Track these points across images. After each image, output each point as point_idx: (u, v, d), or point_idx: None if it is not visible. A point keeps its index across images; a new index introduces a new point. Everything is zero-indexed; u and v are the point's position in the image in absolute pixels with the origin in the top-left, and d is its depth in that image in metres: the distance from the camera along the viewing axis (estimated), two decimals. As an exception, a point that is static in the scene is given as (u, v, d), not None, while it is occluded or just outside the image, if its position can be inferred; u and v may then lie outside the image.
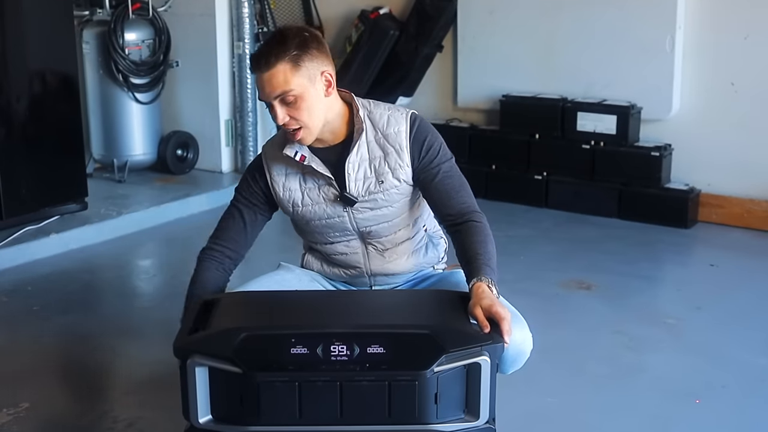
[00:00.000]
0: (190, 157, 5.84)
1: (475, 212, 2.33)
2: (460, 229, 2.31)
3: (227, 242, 2.41)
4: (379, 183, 2.34)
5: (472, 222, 2.31)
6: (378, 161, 2.34)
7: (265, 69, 2.20)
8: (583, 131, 5.12)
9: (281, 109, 2.23)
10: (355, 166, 2.33)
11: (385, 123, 2.35)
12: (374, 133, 2.34)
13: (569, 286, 4.06)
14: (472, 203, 2.36)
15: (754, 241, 4.74)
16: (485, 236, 2.28)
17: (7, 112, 4.49)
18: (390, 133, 2.34)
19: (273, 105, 2.22)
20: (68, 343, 3.55)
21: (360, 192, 2.35)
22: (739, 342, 3.45)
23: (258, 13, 5.81)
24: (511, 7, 5.38)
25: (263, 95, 2.24)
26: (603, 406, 2.96)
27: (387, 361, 1.91)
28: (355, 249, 2.45)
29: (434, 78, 5.82)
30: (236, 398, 1.94)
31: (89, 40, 5.45)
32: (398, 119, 2.35)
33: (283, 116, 2.23)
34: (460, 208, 2.33)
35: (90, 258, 4.54)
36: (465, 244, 2.27)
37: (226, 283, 2.42)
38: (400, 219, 2.42)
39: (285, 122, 2.24)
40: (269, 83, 2.20)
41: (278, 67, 2.19)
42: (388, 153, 2.33)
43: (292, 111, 2.23)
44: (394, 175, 2.34)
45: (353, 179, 2.34)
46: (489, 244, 2.26)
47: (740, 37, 4.77)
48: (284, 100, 2.22)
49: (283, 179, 2.39)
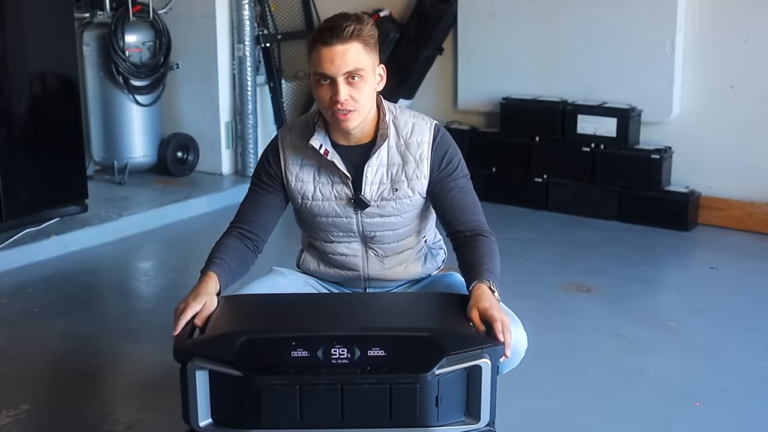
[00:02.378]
0: (190, 159, 5.84)
1: (485, 230, 2.33)
2: (467, 240, 2.30)
3: (242, 223, 2.39)
4: (394, 191, 2.34)
5: (481, 236, 2.31)
6: (396, 168, 2.34)
7: (340, 42, 2.17)
8: (583, 134, 5.12)
9: (345, 86, 2.20)
10: (374, 171, 2.33)
11: (409, 131, 2.34)
12: (397, 139, 2.34)
13: (569, 289, 4.06)
14: (483, 222, 2.36)
15: (755, 244, 4.74)
16: (492, 250, 2.28)
17: (7, 113, 4.49)
18: (412, 142, 2.34)
19: (337, 81, 2.19)
20: (68, 345, 3.55)
21: (373, 197, 2.34)
22: (740, 345, 3.45)
23: (258, 15, 5.81)
24: (511, 10, 5.38)
25: (331, 68, 2.19)
26: (603, 409, 2.96)
27: (388, 364, 1.91)
28: (356, 252, 2.44)
29: (434, 81, 5.82)
30: (237, 401, 1.93)
31: (90, 42, 5.45)
32: (422, 129, 2.35)
33: (345, 94, 2.20)
34: (472, 224, 2.33)
35: (90, 260, 4.53)
36: (470, 252, 2.27)
37: (248, 256, 2.37)
38: (405, 229, 2.42)
39: (345, 100, 2.20)
40: (342, 57, 2.18)
41: (354, 43, 2.19)
42: (407, 162, 2.33)
43: (352, 91, 2.21)
44: (410, 185, 2.34)
45: (369, 183, 2.33)
46: (495, 257, 2.26)
47: (740, 40, 4.78)
48: (351, 78, 2.20)
49: (297, 169, 2.38)
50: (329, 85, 2.21)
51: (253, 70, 5.74)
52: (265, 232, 2.42)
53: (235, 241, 2.36)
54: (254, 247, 2.39)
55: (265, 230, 2.41)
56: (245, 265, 2.37)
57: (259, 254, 2.43)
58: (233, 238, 2.37)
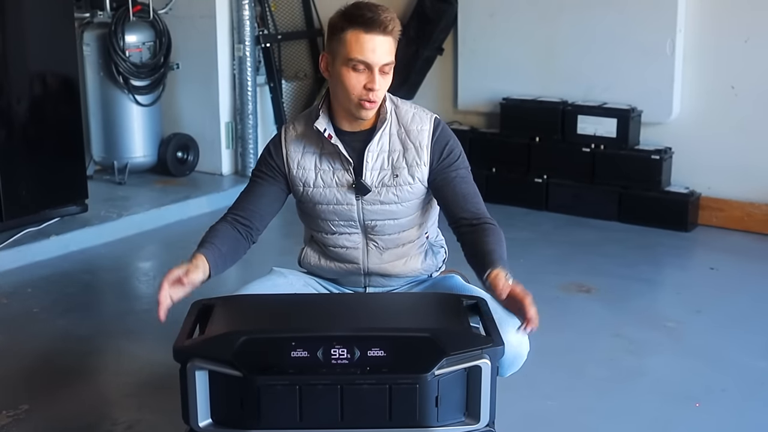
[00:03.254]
0: (190, 159, 5.85)
1: (490, 218, 2.34)
2: (474, 229, 2.30)
3: (237, 210, 2.40)
4: (394, 177, 2.35)
5: (488, 224, 2.31)
6: (396, 155, 2.35)
7: (382, 33, 2.21)
8: (583, 134, 5.13)
9: (380, 76, 2.24)
10: (374, 156, 2.35)
11: (409, 119, 2.37)
12: (398, 126, 2.37)
13: (569, 289, 4.06)
14: (486, 211, 2.37)
15: (754, 244, 4.74)
16: (500, 239, 2.28)
17: (7, 113, 4.49)
18: (413, 129, 2.36)
19: (374, 70, 2.22)
20: (68, 345, 3.55)
21: (374, 182, 2.35)
22: (739, 345, 3.45)
23: (258, 15, 5.81)
24: (511, 10, 5.38)
25: (373, 57, 2.21)
26: (603, 410, 2.96)
27: (388, 364, 1.91)
28: (356, 244, 2.44)
29: (435, 81, 5.83)
30: (236, 402, 1.93)
31: (90, 42, 5.45)
32: (423, 118, 2.38)
33: (379, 83, 2.24)
34: (475, 212, 2.34)
35: (90, 260, 4.54)
36: (479, 241, 2.26)
37: (239, 242, 2.37)
38: (406, 220, 2.42)
39: (379, 89, 2.24)
40: (383, 47, 2.22)
41: (391, 37, 2.24)
42: (407, 149, 2.35)
43: (382, 82, 2.26)
44: (410, 171, 2.35)
45: (370, 168, 2.35)
46: (504, 246, 2.27)
47: (741, 41, 4.78)
48: (384, 69, 2.24)
49: (299, 156, 2.39)
50: (364, 73, 2.24)
51: (253, 70, 5.74)
52: (261, 221, 2.41)
53: (227, 226, 2.38)
54: (247, 234, 2.39)
55: (261, 219, 2.41)
56: (236, 251, 2.38)
57: (253, 243, 2.42)
58: (226, 223, 2.39)
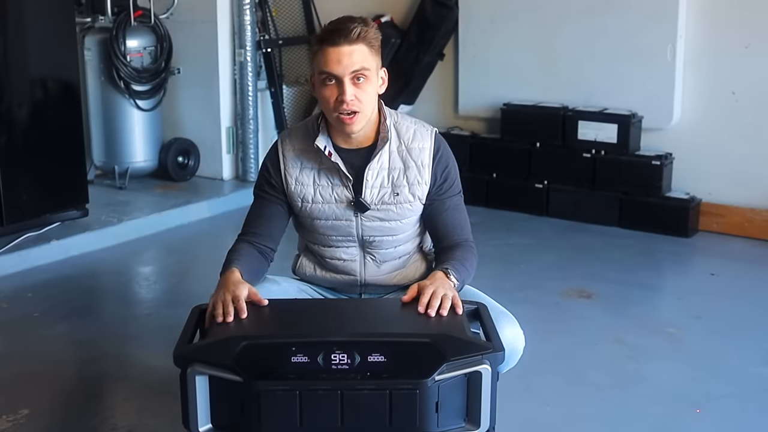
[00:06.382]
0: (191, 164, 5.85)
1: (471, 241, 2.43)
2: (452, 247, 2.40)
3: (250, 236, 2.41)
4: (395, 195, 2.36)
5: (462, 244, 2.40)
6: (397, 173, 2.35)
7: (347, 43, 2.21)
8: (583, 140, 5.13)
9: (351, 86, 2.23)
10: (374, 174, 2.35)
11: (411, 137, 2.37)
12: (398, 143, 2.37)
13: (569, 295, 4.06)
14: (469, 234, 2.45)
15: (755, 250, 4.74)
16: (471, 256, 2.38)
17: (8, 118, 4.49)
18: (414, 147, 2.36)
19: (343, 80, 2.22)
20: (68, 350, 3.55)
21: (374, 200, 2.36)
22: (740, 351, 3.45)
23: (259, 20, 5.81)
24: (512, 16, 5.39)
25: (338, 68, 2.21)
26: (603, 416, 2.95)
27: (388, 370, 1.92)
28: (353, 257, 2.45)
29: (435, 86, 5.83)
30: (237, 407, 1.93)
31: (91, 46, 5.46)
32: (423, 135, 2.39)
33: (351, 93, 2.23)
34: (459, 239, 2.42)
35: (90, 264, 4.54)
36: (449, 252, 2.36)
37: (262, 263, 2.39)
38: (404, 235, 2.43)
39: (350, 100, 2.23)
40: (349, 56, 2.21)
41: (361, 45, 2.22)
42: (408, 167, 2.36)
43: (358, 91, 2.24)
44: (411, 190, 2.36)
45: (370, 186, 2.35)
46: (467, 259, 2.35)
47: (741, 47, 4.78)
48: (356, 78, 2.23)
49: (297, 172, 2.39)
50: (335, 85, 2.24)
51: (254, 75, 5.74)
52: (274, 242, 2.44)
53: (249, 247, 2.38)
54: (266, 257, 2.42)
55: (274, 241, 2.44)
56: (260, 271, 2.39)
57: (271, 262, 2.45)
58: (247, 244, 2.39)
